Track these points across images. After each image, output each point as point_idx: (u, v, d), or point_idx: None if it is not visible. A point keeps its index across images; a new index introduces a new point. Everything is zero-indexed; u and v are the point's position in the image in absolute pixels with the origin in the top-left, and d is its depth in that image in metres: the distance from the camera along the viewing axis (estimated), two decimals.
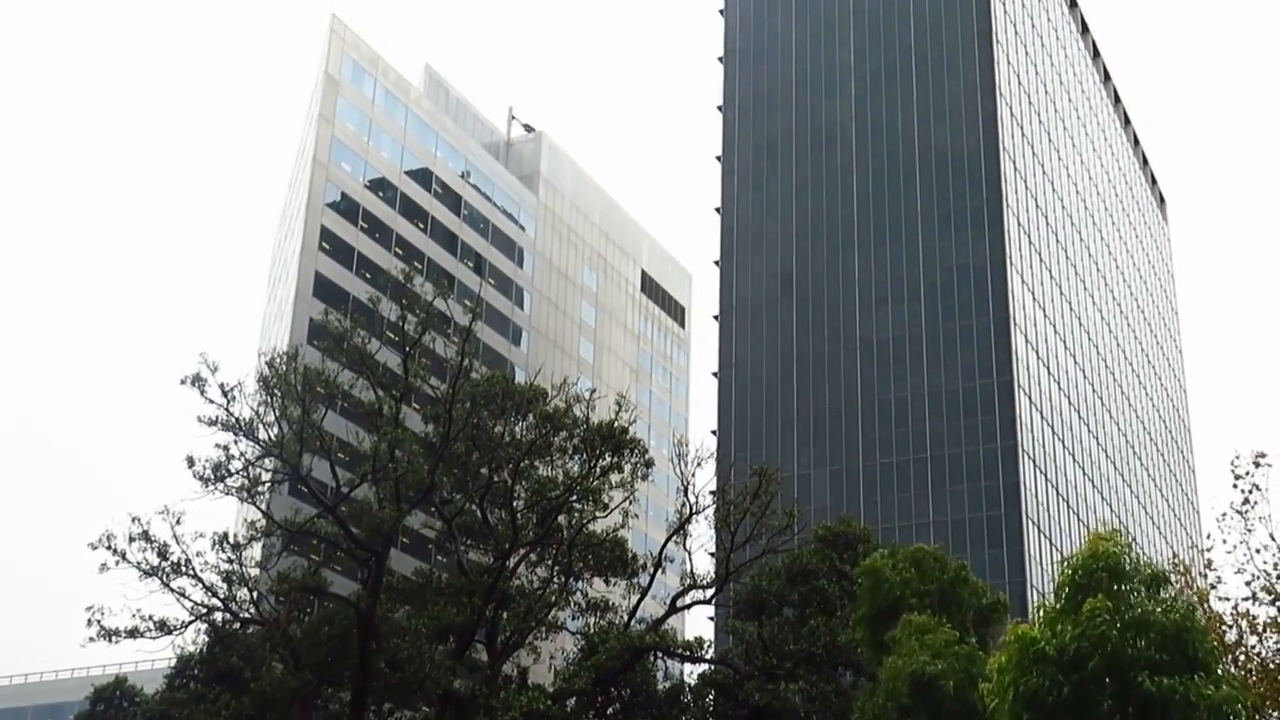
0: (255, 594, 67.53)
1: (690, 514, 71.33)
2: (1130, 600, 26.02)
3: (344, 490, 68.61)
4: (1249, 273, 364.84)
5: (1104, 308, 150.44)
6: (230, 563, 66.49)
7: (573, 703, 67.44)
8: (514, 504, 70.52)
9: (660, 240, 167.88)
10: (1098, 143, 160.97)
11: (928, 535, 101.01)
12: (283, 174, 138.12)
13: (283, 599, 68.13)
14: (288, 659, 65.91)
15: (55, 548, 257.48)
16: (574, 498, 70.99)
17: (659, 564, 73.09)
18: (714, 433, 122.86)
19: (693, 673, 77.11)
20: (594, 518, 72.69)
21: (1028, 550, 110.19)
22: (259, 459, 66.81)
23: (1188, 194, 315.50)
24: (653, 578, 73.83)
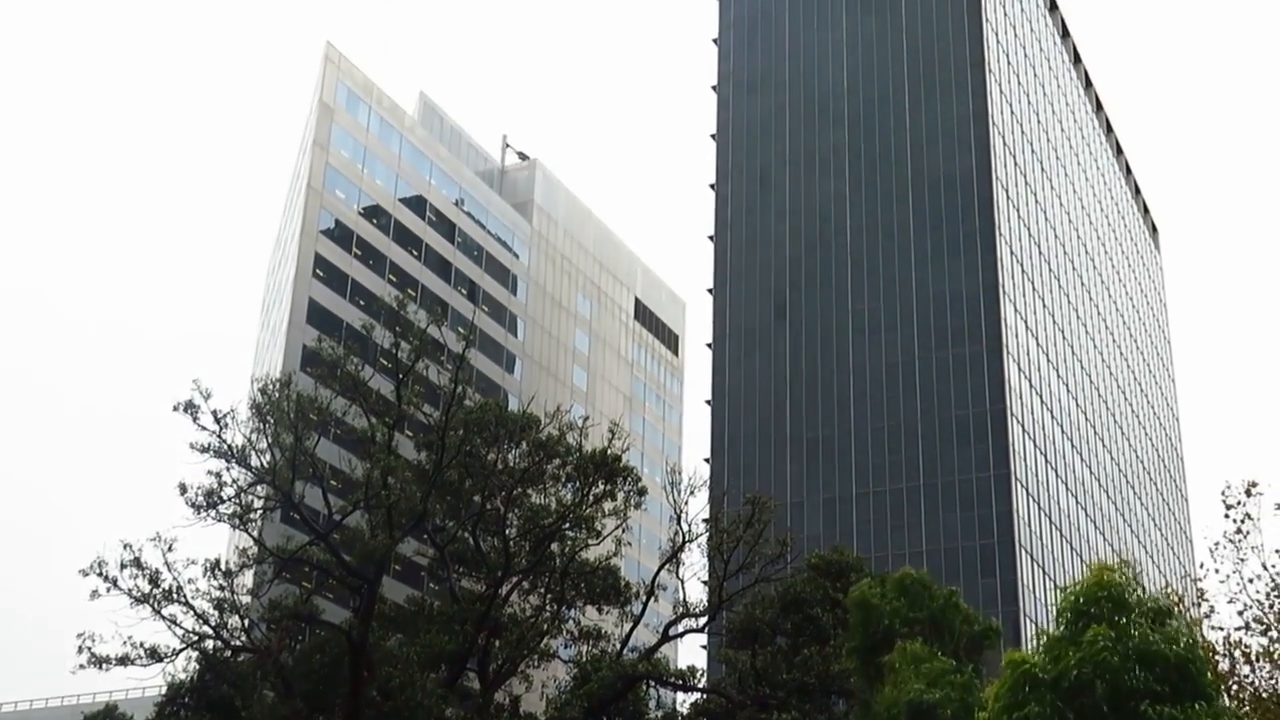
0: (247, 621, 67.33)
1: (683, 542, 71.27)
2: (1133, 631, 25.95)
3: (336, 517, 68.54)
4: (1241, 302, 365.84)
5: (1097, 336, 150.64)
6: (222, 590, 66.34)
7: None
8: (507, 532, 70.46)
9: (654, 268, 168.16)
10: (1090, 172, 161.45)
11: (921, 564, 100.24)
12: (277, 200, 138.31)
13: (274, 627, 67.94)
14: (279, 687, 65.66)
15: (46, 574, 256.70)
16: (567, 525, 70.96)
17: (652, 592, 72.99)
18: (707, 460, 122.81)
19: (685, 702, 77.00)
20: (587, 545, 72.62)
21: (1021, 579, 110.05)
22: (251, 486, 66.75)
23: (1180, 223, 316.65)
24: (645, 606, 73.70)
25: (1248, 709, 37.30)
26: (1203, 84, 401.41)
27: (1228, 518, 39.36)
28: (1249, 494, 39.40)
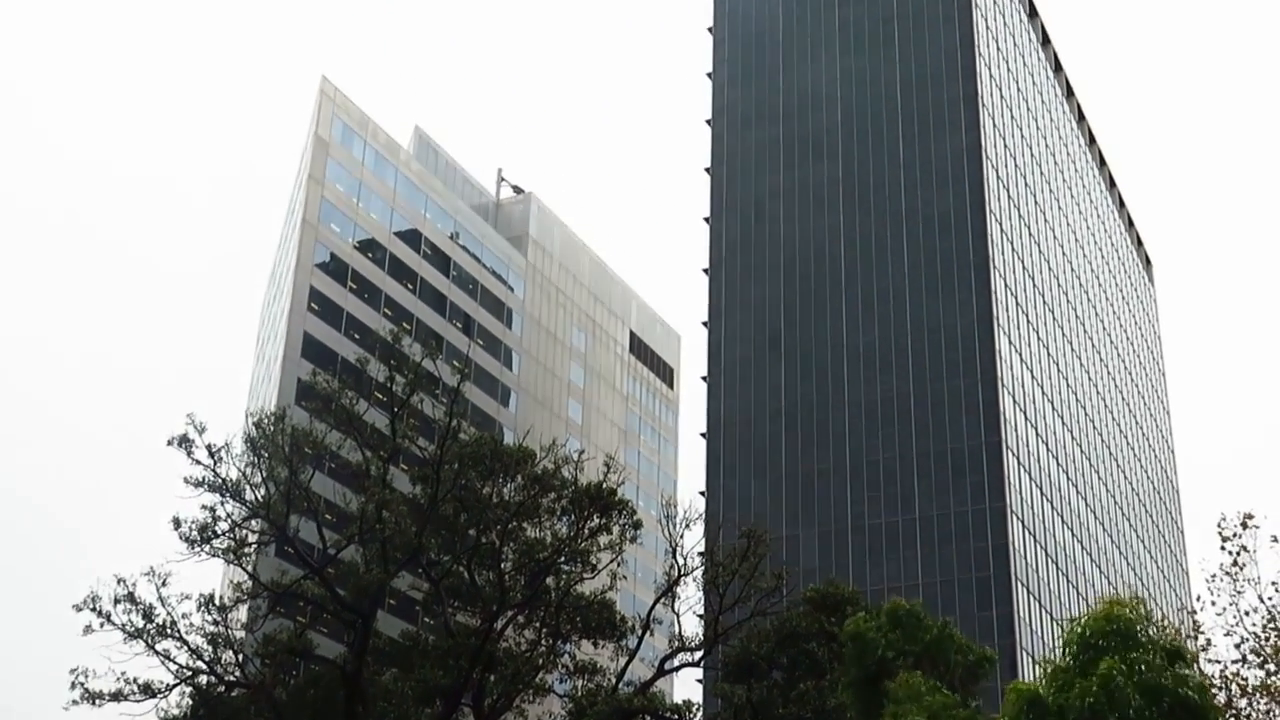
0: (241, 656, 67.10)
1: (679, 576, 71.13)
2: (1142, 667, 25.89)
3: (331, 551, 68.39)
4: (1235, 334, 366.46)
5: (1091, 369, 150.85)
6: (216, 625, 66.17)
7: None
8: (502, 565, 70.29)
9: (649, 301, 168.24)
10: (1083, 205, 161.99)
11: (917, 597, 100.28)
12: (273, 234, 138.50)
13: (268, 662, 67.70)
14: None
15: (38, 609, 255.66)
16: (562, 559, 70.80)
17: (647, 626, 72.79)
18: (702, 494, 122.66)
19: None
20: (582, 579, 72.45)
21: (1017, 612, 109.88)
22: (245, 520, 66.67)
23: (1173, 256, 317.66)
24: (641, 640, 73.48)
25: None
26: (1196, 118, 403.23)
27: (1224, 550, 39.39)
28: (1245, 526, 39.41)
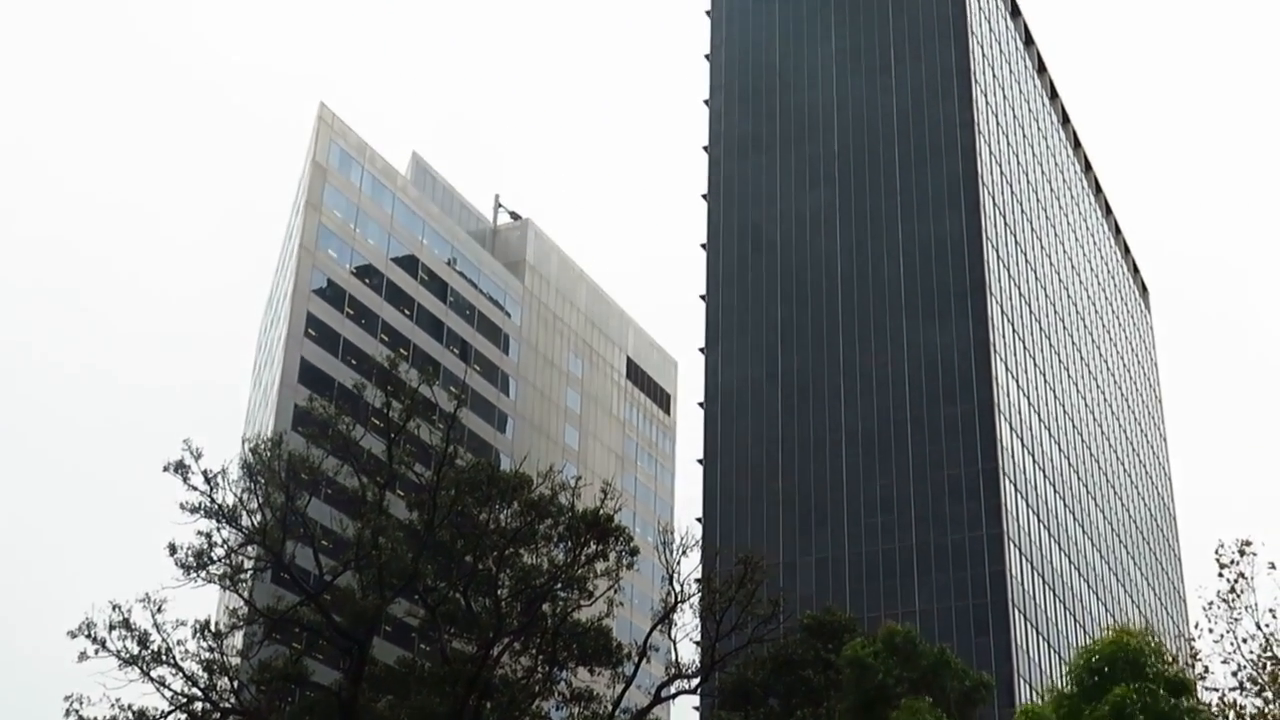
0: (236, 683, 66.93)
1: (675, 602, 71.04)
2: (1149, 698, 25.95)
3: (327, 578, 68.27)
4: (1231, 360, 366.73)
5: (1088, 395, 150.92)
6: (211, 651, 66.00)
7: None
8: (498, 592, 70.19)
9: (646, 327, 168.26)
10: (1079, 232, 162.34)
11: (914, 624, 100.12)
12: (270, 260, 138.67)
13: (264, 688, 67.51)
14: None
15: (33, 635, 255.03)
16: (559, 586, 70.71)
17: (644, 653, 72.65)
18: (699, 520, 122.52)
19: None
20: (579, 606, 72.35)
21: (1014, 639, 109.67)
22: (242, 546, 66.59)
23: (1169, 282, 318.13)
24: (637, 667, 73.31)
25: None
26: (1193, 146, 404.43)
27: (1221, 577, 39.35)
28: (1242, 553, 39.40)
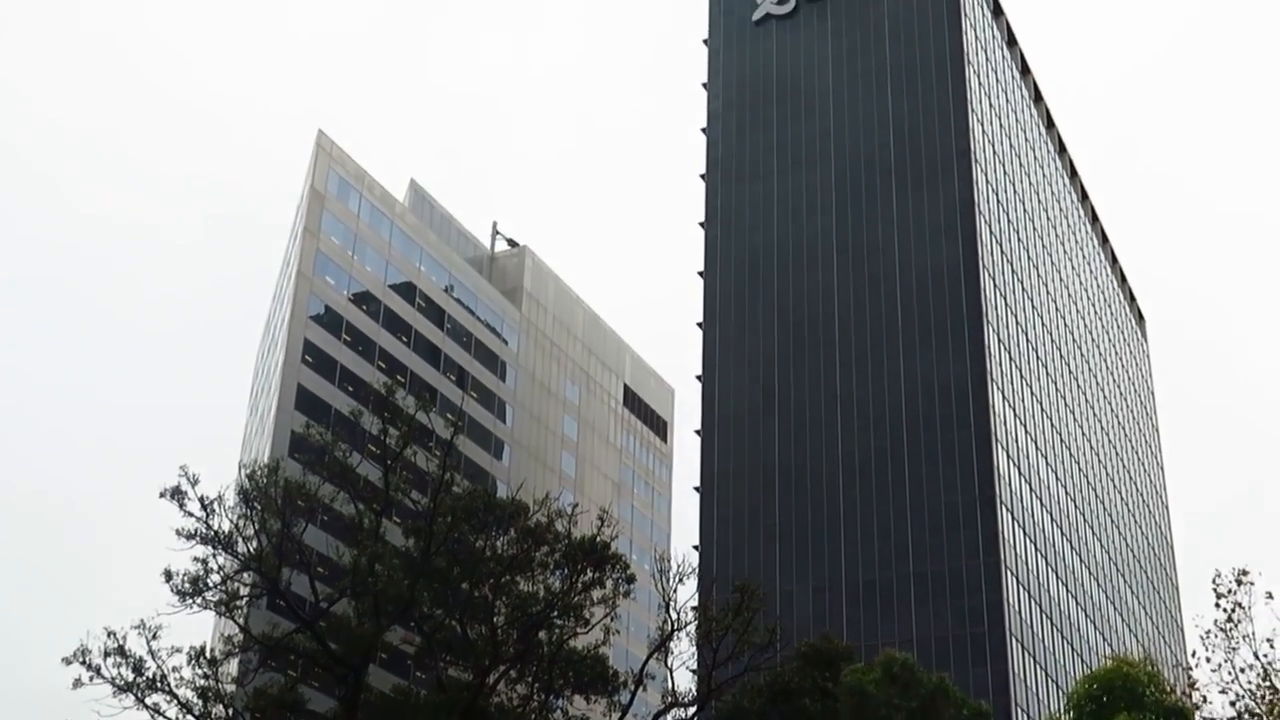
0: (231, 710, 66.78)
1: (672, 630, 70.98)
2: None
3: (323, 605, 68.19)
4: (1228, 389, 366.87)
5: (1085, 424, 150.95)
6: (206, 678, 65.90)
7: None
8: (494, 619, 70.09)
9: (643, 355, 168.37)
10: (1076, 260, 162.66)
11: (911, 652, 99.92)
12: (267, 287, 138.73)
13: (259, 716, 67.34)
14: None
15: (27, 661, 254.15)
16: (555, 613, 70.62)
17: (640, 681, 72.52)
18: (696, 548, 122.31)
19: None
20: (575, 634, 72.26)
21: (1012, 668, 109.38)
22: (237, 573, 66.58)
23: (1165, 311, 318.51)
24: (634, 695, 73.17)
25: None
26: (1187, 173, 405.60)
27: (1219, 606, 39.32)
28: (1239, 583, 39.38)
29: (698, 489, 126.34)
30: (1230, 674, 39.11)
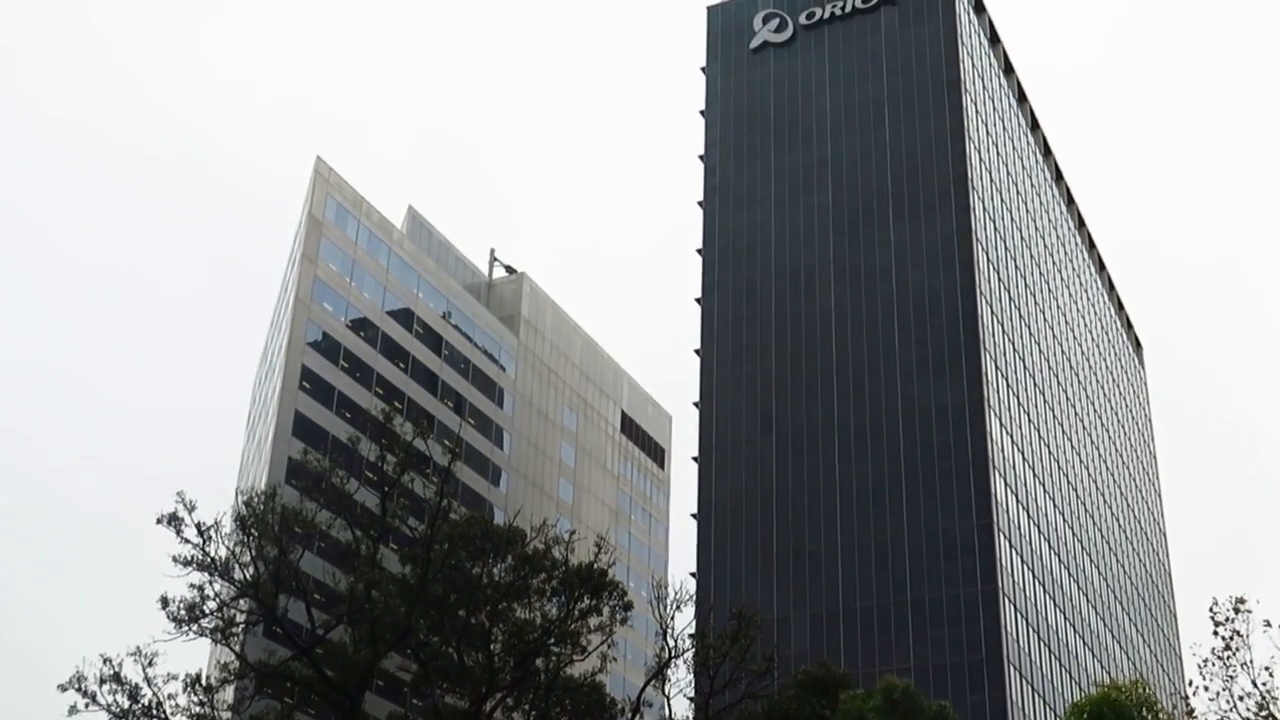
0: None
1: (669, 658, 70.90)
2: None
3: (319, 632, 68.08)
4: (1225, 417, 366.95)
5: (1082, 451, 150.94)
6: (202, 706, 65.77)
7: None
8: (491, 646, 69.99)
9: (640, 381, 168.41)
10: (1073, 288, 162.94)
11: (909, 680, 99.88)
12: (265, 313, 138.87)
13: None
14: None
15: (23, 687, 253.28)
16: (552, 641, 70.53)
17: (637, 709, 72.41)
18: (693, 575, 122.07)
19: None
20: (572, 661, 72.14)
21: (1010, 696, 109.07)
22: (234, 599, 66.47)
23: (1163, 339, 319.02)
24: None
25: None
26: (1185, 200, 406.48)
27: (1216, 634, 39.33)
28: (1237, 611, 39.40)
29: (695, 516, 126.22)
30: (1229, 702, 39.12)
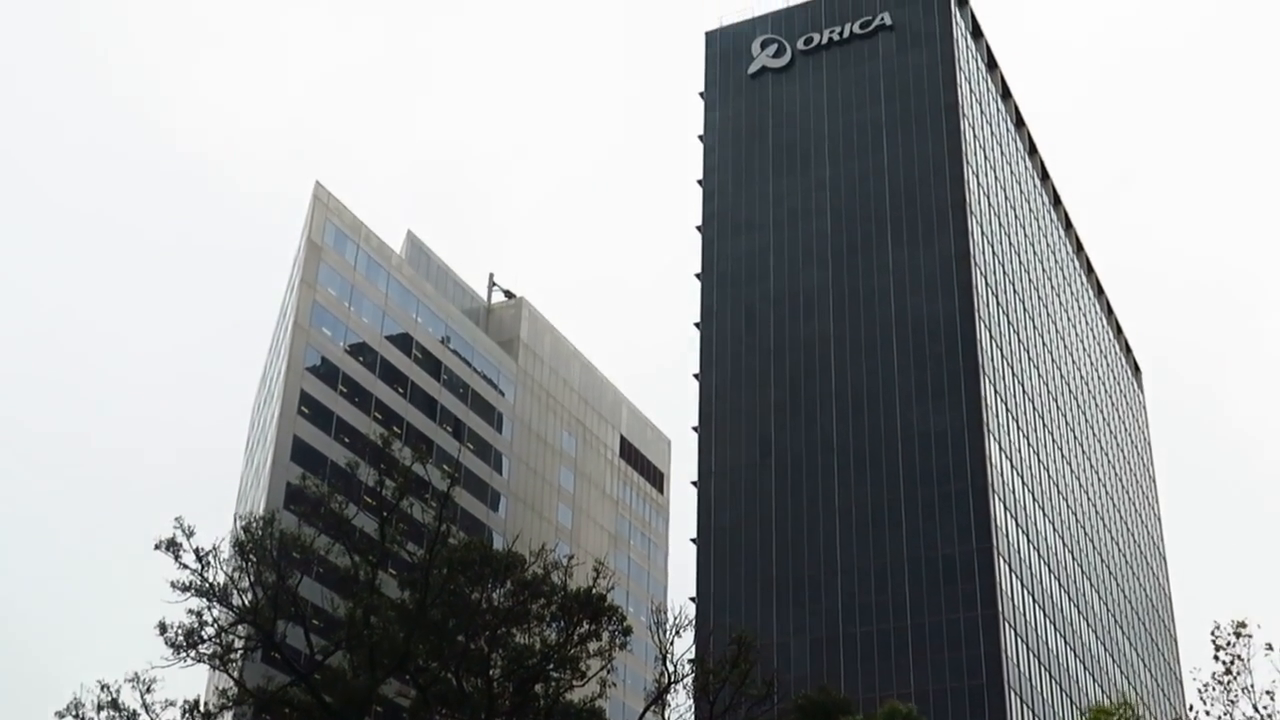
0: None
1: (669, 683, 70.70)
2: None
3: (318, 657, 67.87)
4: (1225, 440, 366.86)
5: (1082, 475, 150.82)
6: None
7: None
8: (490, 672, 69.79)
9: (639, 406, 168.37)
10: (1072, 312, 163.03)
11: (909, 705, 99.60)
12: (264, 338, 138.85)
13: None
14: None
15: (20, 714, 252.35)
16: (551, 666, 70.33)
17: None
18: (693, 599, 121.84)
19: None
20: (571, 686, 71.93)
21: None
22: (232, 625, 66.33)
23: (1162, 363, 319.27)
24: None
25: None
26: (1184, 224, 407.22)
27: (1217, 659, 39.23)
28: (1238, 635, 39.31)
29: (694, 540, 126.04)
30: None
